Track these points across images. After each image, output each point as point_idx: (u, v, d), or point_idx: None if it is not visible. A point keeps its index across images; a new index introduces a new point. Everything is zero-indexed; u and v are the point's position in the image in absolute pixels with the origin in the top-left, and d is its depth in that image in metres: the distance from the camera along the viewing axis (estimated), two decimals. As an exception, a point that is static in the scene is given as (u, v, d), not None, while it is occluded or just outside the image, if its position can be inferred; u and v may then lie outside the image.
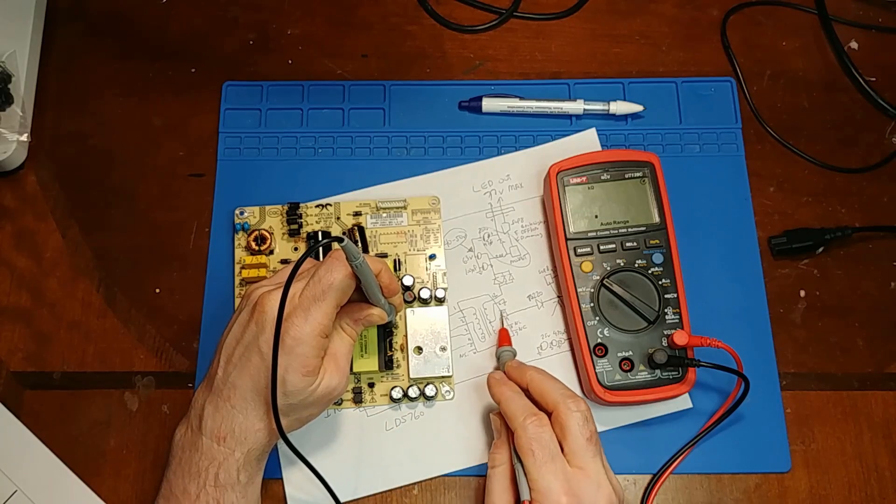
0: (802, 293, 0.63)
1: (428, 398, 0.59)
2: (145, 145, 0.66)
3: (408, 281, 0.60)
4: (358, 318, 0.53)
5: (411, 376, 0.59)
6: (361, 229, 0.62)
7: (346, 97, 0.67)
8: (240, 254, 0.62)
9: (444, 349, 0.59)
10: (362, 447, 0.58)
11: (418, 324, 0.60)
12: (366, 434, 0.58)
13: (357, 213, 0.63)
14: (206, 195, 0.64)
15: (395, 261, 0.61)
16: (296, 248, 0.62)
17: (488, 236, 0.63)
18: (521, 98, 0.66)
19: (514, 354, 0.58)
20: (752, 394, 0.57)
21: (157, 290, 0.62)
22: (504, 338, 0.60)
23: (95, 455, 0.58)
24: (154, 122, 0.67)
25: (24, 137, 0.64)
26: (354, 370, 0.58)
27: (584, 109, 0.66)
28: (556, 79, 0.68)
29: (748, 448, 0.58)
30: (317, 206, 0.63)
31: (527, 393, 0.54)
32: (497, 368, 0.59)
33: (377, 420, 0.59)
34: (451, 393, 0.59)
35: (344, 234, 0.62)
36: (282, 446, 0.58)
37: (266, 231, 0.61)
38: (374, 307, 0.54)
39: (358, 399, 0.59)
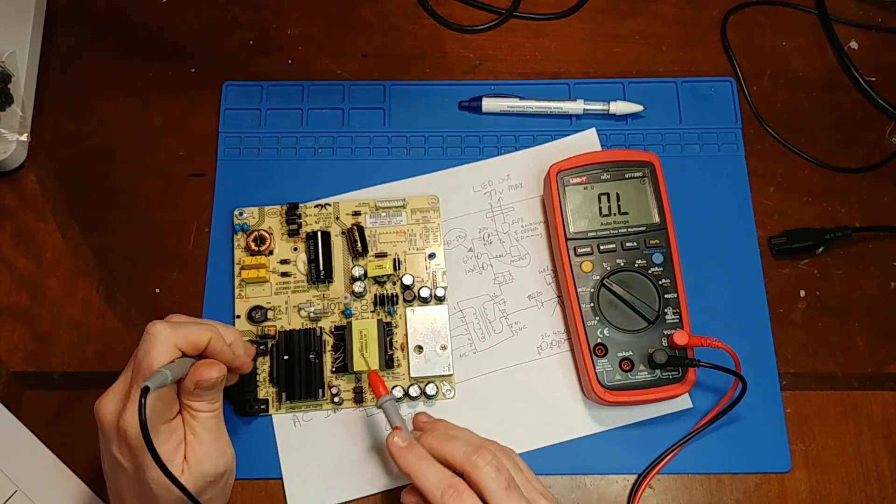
0: (802, 293, 0.63)
1: (429, 397, 0.59)
2: (145, 145, 0.66)
3: (407, 280, 0.60)
4: (191, 391, 0.47)
5: (412, 375, 0.59)
6: (361, 229, 0.62)
7: (346, 97, 0.67)
8: (239, 254, 0.62)
9: (444, 348, 0.59)
10: (362, 447, 0.58)
11: (418, 323, 0.60)
12: (366, 434, 0.58)
13: (356, 213, 0.63)
14: (206, 195, 0.64)
15: (394, 260, 0.61)
16: (295, 248, 0.62)
17: (488, 236, 0.63)
18: (521, 98, 0.66)
19: (396, 399, 0.56)
20: (752, 394, 0.57)
21: (157, 290, 0.62)
22: (378, 383, 0.54)
23: (95, 455, 0.58)
24: (154, 122, 0.67)
25: (24, 137, 0.64)
26: (356, 369, 0.58)
27: (584, 109, 0.66)
28: (556, 79, 0.68)
29: (748, 448, 0.58)
30: (316, 207, 0.63)
31: None
32: (390, 424, 0.53)
33: (377, 420, 0.59)
34: (452, 392, 0.59)
35: (343, 233, 0.62)
36: (282, 447, 0.58)
37: (265, 231, 0.61)
38: (199, 366, 0.47)
39: (359, 399, 0.59)
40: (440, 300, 0.60)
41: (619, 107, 0.66)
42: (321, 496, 0.57)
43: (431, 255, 0.62)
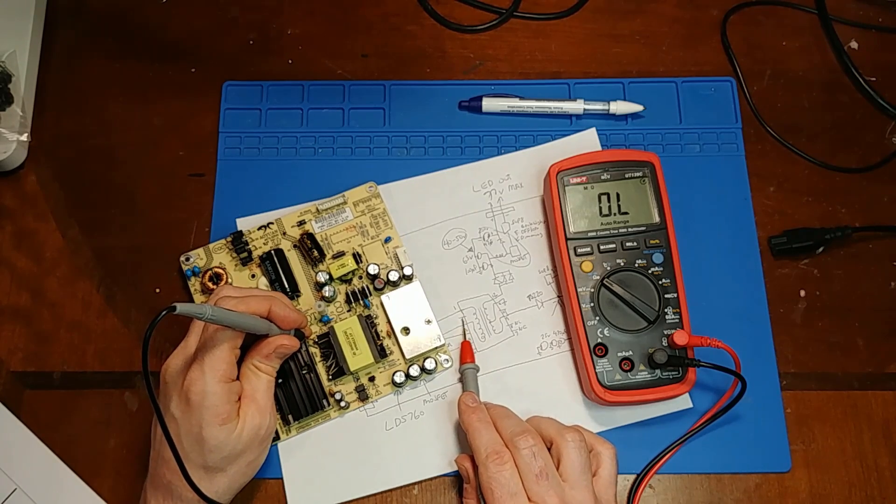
0: (802, 293, 0.63)
1: (428, 372, 0.59)
2: (145, 145, 0.66)
3: (373, 270, 0.60)
4: (268, 354, 0.53)
5: (407, 357, 0.59)
6: (311, 236, 0.61)
7: (346, 97, 0.67)
8: (199, 299, 0.60)
9: (429, 322, 0.59)
10: (362, 447, 0.58)
11: (396, 306, 0.60)
12: (366, 434, 0.58)
13: (301, 223, 0.62)
14: (206, 195, 0.64)
15: (354, 255, 0.61)
16: (252, 275, 0.61)
17: (488, 236, 0.63)
18: (521, 98, 0.66)
19: (478, 370, 0.58)
20: (752, 394, 0.57)
21: (158, 290, 0.62)
22: (467, 353, 0.59)
23: (95, 455, 0.58)
24: (154, 122, 0.67)
25: (24, 137, 0.64)
26: (353, 370, 0.58)
27: (584, 109, 0.66)
28: (556, 79, 0.68)
29: (748, 448, 0.58)
30: (259, 230, 0.62)
31: None
32: (463, 387, 0.58)
33: (377, 420, 0.59)
34: (450, 361, 0.59)
35: (295, 245, 0.61)
36: (282, 446, 0.58)
37: (218, 268, 0.60)
38: (279, 337, 0.54)
39: (363, 396, 0.59)
40: (409, 279, 0.60)
41: (619, 107, 0.66)
42: (321, 496, 0.57)
43: (387, 240, 0.62)
